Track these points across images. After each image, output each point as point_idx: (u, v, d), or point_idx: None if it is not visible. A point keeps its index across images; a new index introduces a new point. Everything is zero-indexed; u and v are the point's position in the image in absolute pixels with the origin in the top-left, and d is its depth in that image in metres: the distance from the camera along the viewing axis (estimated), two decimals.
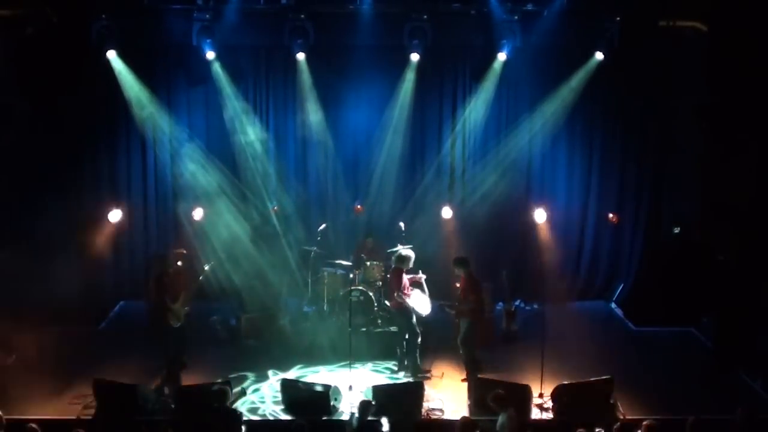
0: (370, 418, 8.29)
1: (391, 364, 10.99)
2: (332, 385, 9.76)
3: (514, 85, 13.35)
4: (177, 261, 10.49)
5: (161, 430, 8.30)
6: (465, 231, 13.32)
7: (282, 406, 9.68)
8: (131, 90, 12.79)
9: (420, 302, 10.76)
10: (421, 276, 10.99)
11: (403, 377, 10.69)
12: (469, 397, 9.78)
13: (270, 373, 10.74)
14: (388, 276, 10.95)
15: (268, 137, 13.43)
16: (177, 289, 10.24)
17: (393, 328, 11.50)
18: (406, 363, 10.79)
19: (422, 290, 10.93)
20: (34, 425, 7.82)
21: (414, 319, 10.67)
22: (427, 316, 10.98)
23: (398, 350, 10.89)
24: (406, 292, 10.59)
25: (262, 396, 10.11)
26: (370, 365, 11.01)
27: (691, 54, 12.62)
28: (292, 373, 10.64)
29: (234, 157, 13.36)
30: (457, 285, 10.94)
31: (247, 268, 12.70)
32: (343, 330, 11.21)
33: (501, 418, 8.20)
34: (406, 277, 10.67)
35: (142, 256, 13.33)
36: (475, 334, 10.60)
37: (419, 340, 10.71)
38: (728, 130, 12.34)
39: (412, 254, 10.80)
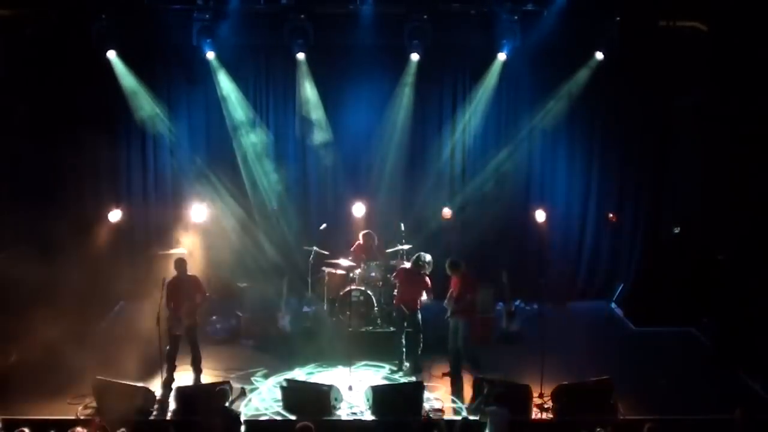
0: None
1: (392, 364, 10.98)
2: (332, 385, 9.76)
3: (514, 85, 13.37)
4: (185, 266, 10.46)
5: (162, 430, 8.31)
6: (465, 231, 13.32)
7: (282, 406, 9.67)
8: (131, 90, 12.79)
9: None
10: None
11: (401, 377, 10.69)
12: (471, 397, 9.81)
13: (269, 373, 10.73)
14: (408, 279, 10.90)
15: (268, 137, 13.44)
16: (181, 297, 10.20)
17: (392, 328, 11.49)
18: (407, 363, 10.80)
19: None
20: (26, 429, 7.78)
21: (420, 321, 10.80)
22: (428, 317, 11.04)
23: (402, 350, 10.88)
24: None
25: (262, 396, 10.10)
26: (369, 365, 11.01)
27: (691, 54, 12.62)
28: (292, 373, 10.64)
29: (234, 157, 13.37)
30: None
31: (247, 268, 12.71)
32: (342, 330, 11.21)
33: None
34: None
35: (142, 256, 13.33)
36: (472, 332, 10.63)
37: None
38: (728, 130, 12.34)
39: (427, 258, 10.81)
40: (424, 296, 10.81)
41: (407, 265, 11.26)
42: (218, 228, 13.07)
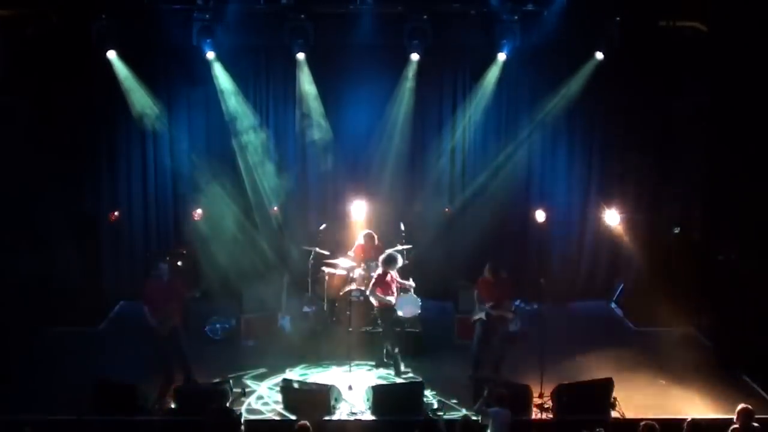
0: None
1: (377, 359, 11.01)
2: (332, 385, 9.76)
3: (514, 85, 13.37)
4: (177, 262, 10.39)
5: (161, 430, 8.31)
6: (465, 231, 13.33)
7: (282, 406, 9.67)
8: (131, 90, 12.80)
9: (406, 305, 10.87)
10: (411, 284, 11.08)
11: (376, 371, 10.76)
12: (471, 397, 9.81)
13: (269, 373, 10.72)
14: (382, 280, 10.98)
15: (268, 137, 13.44)
16: (161, 298, 9.87)
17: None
18: (389, 361, 10.84)
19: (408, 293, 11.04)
20: (27, 429, 7.78)
21: (393, 320, 10.79)
22: (428, 317, 11.00)
23: (386, 348, 10.92)
24: (390, 291, 10.73)
25: (261, 396, 10.10)
26: (369, 365, 11.01)
27: (691, 54, 12.62)
28: (292, 374, 10.64)
29: (234, 157, 13.37)
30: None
31: (247, 268, 12.71)
32: (342, 330, 11.20)
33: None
34: (396, 278, 10.84)
35: (142, 256, 13.34)
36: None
37: (399, 340, 10.84)
38: (728, 130, 12.33)
39: (399, 257, 10.85)
40: (408, 294, 10.82)
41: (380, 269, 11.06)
42: (218, 228, 13.06)
